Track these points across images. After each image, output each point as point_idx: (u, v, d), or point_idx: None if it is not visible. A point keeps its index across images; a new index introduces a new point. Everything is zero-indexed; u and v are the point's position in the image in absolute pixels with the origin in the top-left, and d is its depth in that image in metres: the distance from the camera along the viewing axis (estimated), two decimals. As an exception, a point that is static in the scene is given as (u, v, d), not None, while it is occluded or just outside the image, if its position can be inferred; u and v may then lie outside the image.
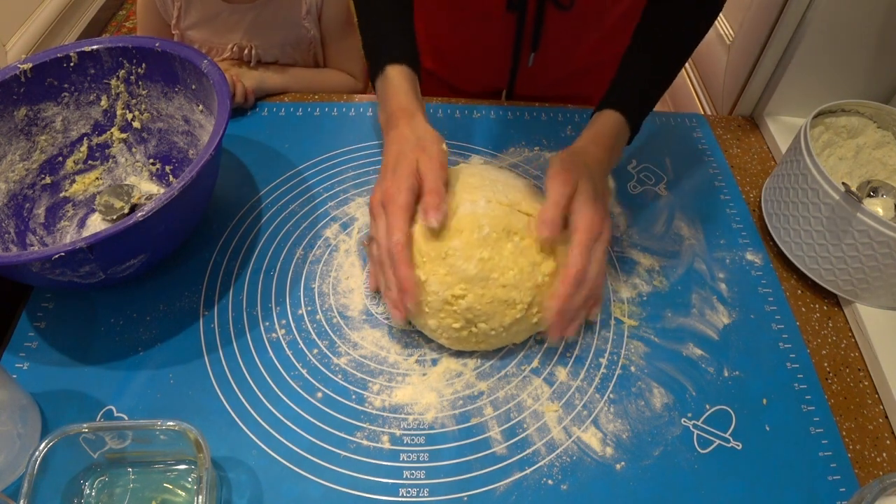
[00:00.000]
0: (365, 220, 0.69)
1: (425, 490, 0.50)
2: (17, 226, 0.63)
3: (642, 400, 0.56)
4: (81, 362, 0.56)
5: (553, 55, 0.83)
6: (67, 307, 0.60)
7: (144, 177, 0.72)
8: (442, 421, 0.54)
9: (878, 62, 0.77)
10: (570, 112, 0.84)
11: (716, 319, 0.62)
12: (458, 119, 0.81)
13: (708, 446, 0.54)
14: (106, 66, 0.66)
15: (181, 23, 0.84)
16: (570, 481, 0.51)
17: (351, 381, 0.56)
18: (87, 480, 0.48)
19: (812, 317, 0.64)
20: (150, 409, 0.53)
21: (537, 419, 0.54)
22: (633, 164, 0.77)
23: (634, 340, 0.60)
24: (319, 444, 0.52)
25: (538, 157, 0.77)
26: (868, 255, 0.59)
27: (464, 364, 0.58)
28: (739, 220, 0.72)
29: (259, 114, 0.80)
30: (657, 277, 0.65)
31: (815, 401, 0.57)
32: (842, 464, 0.53)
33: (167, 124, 0.70)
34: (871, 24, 0.73)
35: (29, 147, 0.65)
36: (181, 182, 0.52)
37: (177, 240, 0.61)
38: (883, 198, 0.66)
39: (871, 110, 0.69)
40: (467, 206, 0.56)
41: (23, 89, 0.63)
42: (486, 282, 0.54)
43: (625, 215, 0.71)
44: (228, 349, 0.58)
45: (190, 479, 0.49)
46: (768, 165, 0.80)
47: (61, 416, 0.53)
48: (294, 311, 0.61)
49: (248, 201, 0.70)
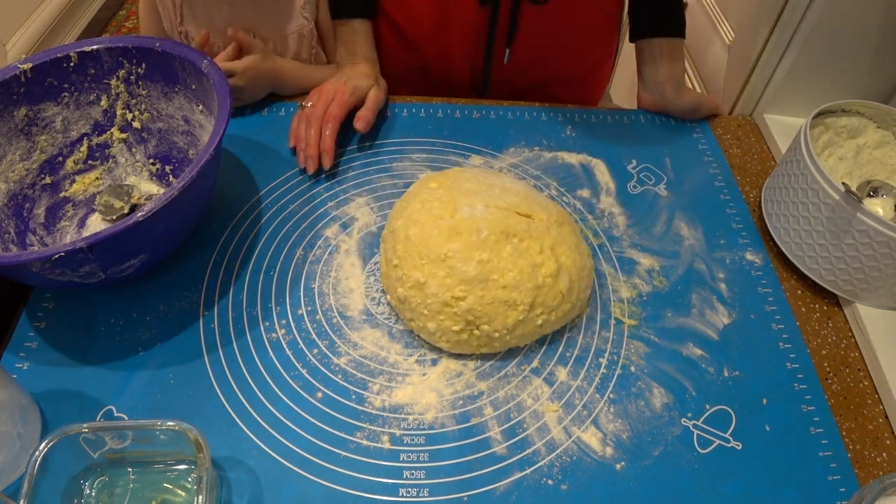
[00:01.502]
0: (365, 221, 0.69)
1: (425, 490, 0.50)
2: (17, 226, 0.63)
3: (642, 400, 0.56)
4: (81, 362, 0.56)
5: (529, 52, 0.83)
6: (67, 307, 0.60)
7: (144, 177, 0.72)
8: (442, 421, 0.54)
9: (878, 62, 0.77)
10: (570, 112, 0.84)
11: (716, 319, 0.62)
12: (457, 119, 0.81)
13: (708, 446, 0.54)
14: (106, 66, 0.66)
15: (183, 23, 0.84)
16: (570, 481, 0.51)
17: (351, 381, 0.56)
18: (87, 480, 0.48)
19: (812, 317, 0.64)
20: (150, 409, 0.53)
21: (537, 419, 0.54)
22: (633, 164, 0.77)
23: (634, 340, 0.60)
24: (319, 444, 0.52)
25: (538, 157, 0.77)
26: (868, 255, 0.59)
27: (464, 364, 0.58)
28: (739, 220, 0.72)
29: (259, 114, 0.80)
30: (657, 277, 0.65)
31: (815, 401, 0.57)
32: (842, 464, 0.53)
33: (167, 124, 0.70)
34: (871, 24, 0.73)
35: (29, 147, 0.65)
36: (181, 182, 0.52)
37: (177, 240, 0.61)
38: (883, 198, 0.66)
39: (871, 110, 0.69)
40: (466, 210, 0.56)
41: (23, 89, 0.63)
42: (486, 283, 0.54)
43: (625, 215, 0.71)
44: (228, 349, 0.58)
45: (190, 479, 0.49)
46: (768, 165, 0.80)
47: (61, 416, 0.53)
48: (294, 311, 0.61)
49: (248, 201, 0.70)
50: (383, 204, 0.71)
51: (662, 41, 0.81)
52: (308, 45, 0.89)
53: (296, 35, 0.87)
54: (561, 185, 0.74)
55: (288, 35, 0.86)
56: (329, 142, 0.71)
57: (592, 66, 0.91)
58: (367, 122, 0.74)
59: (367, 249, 0.66)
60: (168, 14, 0.84)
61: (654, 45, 0.81)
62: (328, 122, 0.72)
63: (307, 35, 0.88)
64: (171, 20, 0.84)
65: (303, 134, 0.72)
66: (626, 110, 0.86)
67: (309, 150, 0.71)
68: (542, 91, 0.91)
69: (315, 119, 0.72)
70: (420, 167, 0.75)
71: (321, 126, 0.72)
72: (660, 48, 0.81)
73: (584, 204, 0.72)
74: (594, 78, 0.95)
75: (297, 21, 0.86)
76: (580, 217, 0.71)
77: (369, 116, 0.74)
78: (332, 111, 0.73)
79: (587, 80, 0.94)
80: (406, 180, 0.73)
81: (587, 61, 0.90)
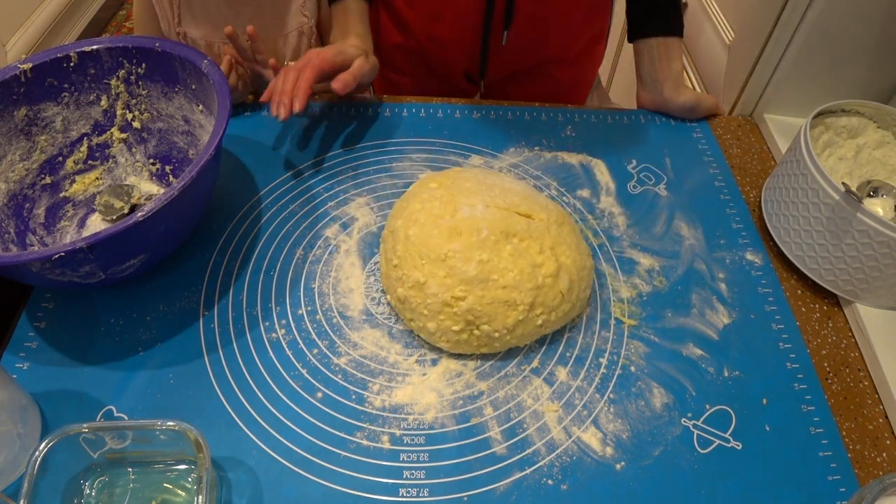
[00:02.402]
0: (365, 221, 0.69)
1: (425, 490, 0.50)
2: (17, 226, 0.63)
3: (642, 400, 0.56)
4: (81, 362, 0.56)
5: (526, 32, 0.83)
6: (67, 307, 0.60)
7: (144, 177, 0.72)
8: (442, 421, 0.54)
9: (878, 62, 0.77)
10: (570, 112, 0.84)
11: (716, 319, 0.62)
12: (457, 119, 0.81)
13: (708, 446, 0.54)
14: (106, 66, 0.66)
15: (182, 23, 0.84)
16: (570, 481, 0.51)
17: (351, 381, 0.56)
18: (87, 480, 0.48)
19: (812, 317, 0.64)
20: (150, 409, 0.53)
21: (537, 419, 0.54)
22: (633, 164, 0.77)
23: (634, 340, 0.60)
24: (319, 444, 0.52)
25: (538, 157, 0.77)
26: (868, 255, 0.59)
27: (464, 364, 0.58)
28: (739, 220, 0.72)
29: (259, 114, 0.80)
30: (657, 277, 0.65)
31: (815, 401, 0.57)
32: (842, 464, 0.53)
33: (167, 124, 0.70)
34: (870, 24, 0.73)
35: (29, 147, 0.65)
36: (181, 182, 0.52)
37: (177, 240, 0.61)
38: (883, 198, 0.66)
39: (871, 110, 0.69)
40: (465, 210, 0.56)
41: (23, 89, 0.63)
42: (486, 283, 0.54)
43: (625, 215, 0.71)
44: (228, 349, 0.58)
45: (190, 479, 0.49)
46: (768, 165, 0.80)
47: (61, 416, 0.53)
48: (294, 311, 0.61)
49: (248, 201, 0.70)
50: (383, 204, 0.71)
51: (660, 40, 0.81)
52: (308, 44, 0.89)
53: (295, 33, 0.87)
54: (561, 185, 0.74)
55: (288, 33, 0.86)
56: (304, 85, 0.66)
57: (587, 44, 0.92)
58: (346, 84, 0.69)
59: (367, 249, 0.66)
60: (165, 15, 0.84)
61: (651, 44, 0.81)
62: (305, 69, 0.68)
63: (307, 33, 0.88)
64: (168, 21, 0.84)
65: (279, 85, 0.67)
66: (626, 110, 0.86)
67: (283, 97, 0.65)
68: (537, 71, 0.91)
69: (293, 68, 0.68)
70: (420, 167, 0.75)
71: (298, 73, 0.67)
72: (658, 47, 0.81)
73: (584, 204, 0.72)
74: (589, 56, 0.95)
75: (296, 19, 0.86)
76: (580, 217, 0.71)
77: (349, 79, 0.70)
78: (312, 61, 0.69)
79: (582, 59, 0.94)
80: (406, 180, 0.73)
81: (582, 39, 0.90)
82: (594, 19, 0.89)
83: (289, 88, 0.66)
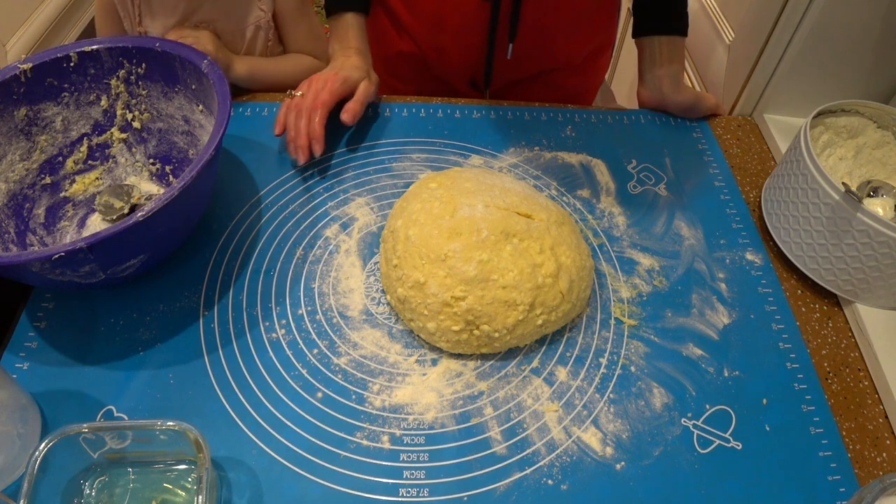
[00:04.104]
0: (365, 221, 0.69)
1: (425, 490, 0.50)
2: (17, 226, 0.63)
3: (642, 400, 0.56)
4: (81, 362, 0.56)
5: (531, 43, 0.83)
6: (67, 307, 0.60)
7: (144, 177, 0.72)
8: (442, 421, 0.54)
9: (878, 62, 0.77)
10: (570, 112, 0.84)
11: (716, 319, 0.62)
12: (457, 119, 0.81)
13: (708, 446, 0.54)
14: (106, 66, 0.66)
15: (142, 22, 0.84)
16: (570, 481, 0.51)
17: (351, 381, 0.56)
18: (87, 480, 0.48)
19: (812, 317, 0.64)
20: (150, 409, 0.53)
21: (537, 419, 0.54)
22: (633, 164, 0.77)
23: (634, 340, 0.60)
24: (319, 444, 0.52)
25: (538, 157, 0.77)
26: (868, 255, 0.59)
27: (464, 364, 0.58)
28: (739, 220, 0.72)
29: (259, 114, 0.80)
30: (657, 277, 0.65)
31: (815, 401, 0.57)
32: (842, 464, 0.53)
33: (167, 124, 0.70)
34: (870, 24, 0.73)
35: (29, 147, 0.65)
36: (181, 182, 0.52)
37: (177, 240, 0.61)
38: (883, 198, 0.66)
39: (871, 110, 0.69)
40: (465, 210, 0.56)
41: (23, 89, 0.63)
42: (486, 283, 0.54)
43: (625, 215, 0.71)
44: (228, 349, 0.58)
45: (190, 479, 0.49)
46: (768, 165, 0.80)
47: (61, 416, 0.53)
48: (294, 311, 0.61)
49: (248, 201, 0.70)
50: (383, 204, 0.71)
51: (664, 39, 0.81)
52: (265, 37, 0.89)
53: (252, 27, 0.87)
54: (561, 185, 0.74)
55: (245, 27, 0.86)
56: (318, 129, 0.70)
57: (593, 52, 0.91)
58: (355, 115, 0.72)
59: (367, 249, 0.66)
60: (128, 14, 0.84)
61: (655, 42, 0.82)
62: (316, 108, 0.70)
63: (264, 27, 0.88)
64: (131, 20, 0.84)
65: (291, 123, 0.71)
66: (626, 110, 0.86)
67: (299, 141, 0.69)
68: (542, 79, 0.90)
69: (304, 108, 0.71)
70: (420, 167, 0.75)
71: (310, 114, 0.70)
72: (660, 46, 0.81)
73: (584, 204, 0.72)
74: (595, 64, 0.95)
75: (254, 13, 0.86)
76: (580, 217, 0.71)
77: (357, 109, 0.73)
78: (322, 98, 0.71)
79: (588, 67, 0.94)
80: (406, 180, 0.73)
81: (587, 47, 0.90)
82: (600, 28, 0.89)
83: (304, 132, 0.70)
